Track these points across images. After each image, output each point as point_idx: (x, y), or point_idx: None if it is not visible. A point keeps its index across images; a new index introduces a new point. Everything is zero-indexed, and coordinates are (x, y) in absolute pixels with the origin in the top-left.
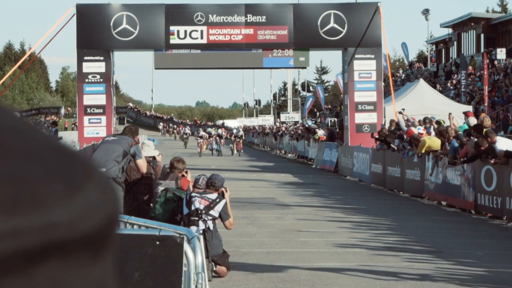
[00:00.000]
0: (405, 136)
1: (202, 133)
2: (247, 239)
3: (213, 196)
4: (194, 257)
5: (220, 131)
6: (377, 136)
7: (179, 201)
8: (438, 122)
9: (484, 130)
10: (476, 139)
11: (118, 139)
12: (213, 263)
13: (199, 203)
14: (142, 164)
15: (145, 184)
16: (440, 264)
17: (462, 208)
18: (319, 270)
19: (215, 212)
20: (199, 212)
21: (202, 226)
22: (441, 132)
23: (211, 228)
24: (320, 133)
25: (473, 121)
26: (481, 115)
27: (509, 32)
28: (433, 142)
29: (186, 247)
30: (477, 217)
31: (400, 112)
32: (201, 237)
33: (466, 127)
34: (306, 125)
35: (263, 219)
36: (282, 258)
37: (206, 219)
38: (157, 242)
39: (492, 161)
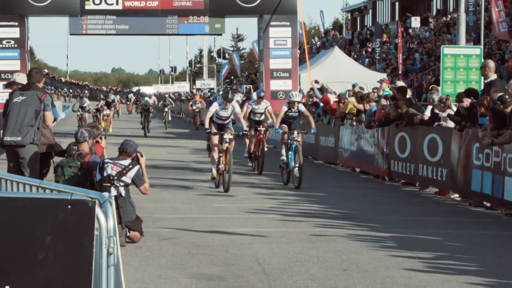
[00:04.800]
0: (321, 104)
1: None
2: (161, 205)
3: (126, 162)
4: (106, 221)
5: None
6: None
7: (80, 170)
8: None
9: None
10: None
11: (26, 98)
12: (126, 229)
13: (111, 169)
14: (50, 117)
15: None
16: (353, 230)
17: (375, 175)
18: (232, 235)
19: (127, 178)
20: (111, 178)
21: (114, 192)
22: (362, 97)
23: (123, 194)
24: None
25: (400, 83)
26: (396, 82)
27: (424, 1)
28: (353, 106)
29: (98, 211)
30: (390, 184)
31: (316, 81)
32: (113, 201)
33: (389, 92)
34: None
35: (178, 185)
36: (196, 223)
37: (118, 185)
38: (69, 206)
39: (403, 124)
